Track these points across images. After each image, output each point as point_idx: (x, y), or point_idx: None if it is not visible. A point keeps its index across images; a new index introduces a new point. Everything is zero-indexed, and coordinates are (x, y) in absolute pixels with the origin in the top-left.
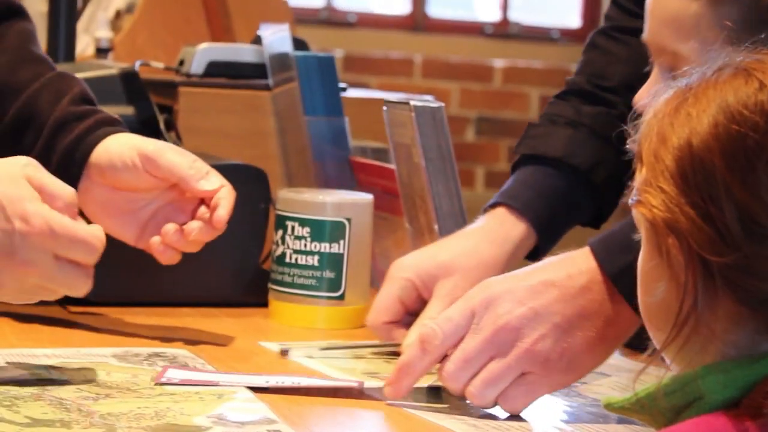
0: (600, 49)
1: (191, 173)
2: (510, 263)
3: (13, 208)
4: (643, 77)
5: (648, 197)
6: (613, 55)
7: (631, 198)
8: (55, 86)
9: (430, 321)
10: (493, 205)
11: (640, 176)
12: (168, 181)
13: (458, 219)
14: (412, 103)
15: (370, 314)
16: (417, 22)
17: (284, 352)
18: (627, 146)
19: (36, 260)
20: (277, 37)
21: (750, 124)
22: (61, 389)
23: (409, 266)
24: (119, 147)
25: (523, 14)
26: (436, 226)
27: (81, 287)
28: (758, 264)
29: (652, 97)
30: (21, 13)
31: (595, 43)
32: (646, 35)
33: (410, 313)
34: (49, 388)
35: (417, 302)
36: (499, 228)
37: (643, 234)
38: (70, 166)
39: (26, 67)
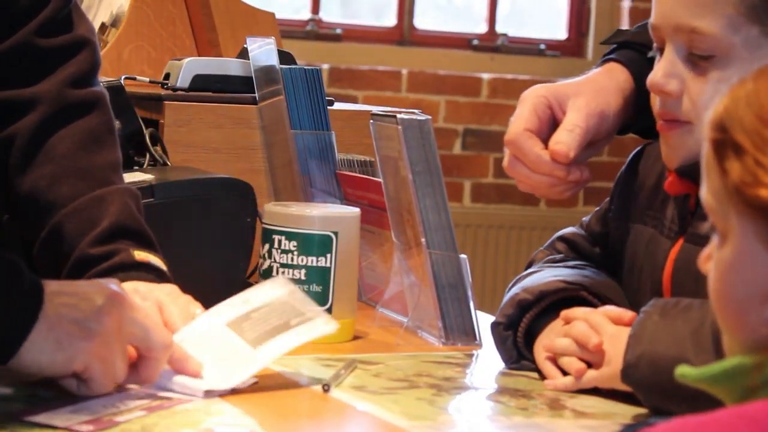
0: None
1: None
2: (621, 94)
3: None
4: None
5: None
6: None
7: (741, 186)
8: (86, 214)
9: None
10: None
11: (737, 164)
12: None
13: (445, 232)
14: (398, 116)
15: (509, 129)
16: (404, 35)
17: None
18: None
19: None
20: (263, 51)
21: None
22: (47, 404)
23: (540, 89)
24: None
25: (510, 27)
26: (423, 240)
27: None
28: None
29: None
30: (93, 107)
31: None
32: (656, 19)
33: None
34: (35, 405)
35: (549, 121)
36: (608, 71)
37: (732, 227)
38: None
39: (66, 183)
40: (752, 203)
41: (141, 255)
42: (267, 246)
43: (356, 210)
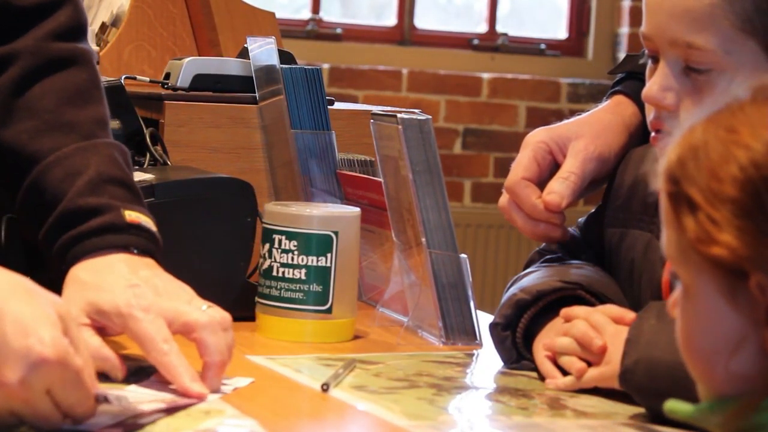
0: None
1: (161, 351)
2: (626, 131)
3: (35, 327)
4: None
5: (722, 237)
6: None
7: (696, 243)
8: (70, 163)
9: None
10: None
11: (691, 220)
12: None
13: (446, 232)
14: (399, 115)
15: (508, 176)
16: (404, 34)
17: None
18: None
19: (32, 386)
20: (263, 50)
21: None
22: None
23: (542, 132)
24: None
25: (510, 27)
26: (423, 239)
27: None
28: None
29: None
30: (77, 61)
31: None
32: (649, 29)
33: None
34: None
35: (550, 166)
36: (615, 106)
37: (694, 280)
38: (61, 263)
39: (49, 136)
40: (709, 260)
41: (132, 216)
42: (267, 246)
43: (356, 210)
